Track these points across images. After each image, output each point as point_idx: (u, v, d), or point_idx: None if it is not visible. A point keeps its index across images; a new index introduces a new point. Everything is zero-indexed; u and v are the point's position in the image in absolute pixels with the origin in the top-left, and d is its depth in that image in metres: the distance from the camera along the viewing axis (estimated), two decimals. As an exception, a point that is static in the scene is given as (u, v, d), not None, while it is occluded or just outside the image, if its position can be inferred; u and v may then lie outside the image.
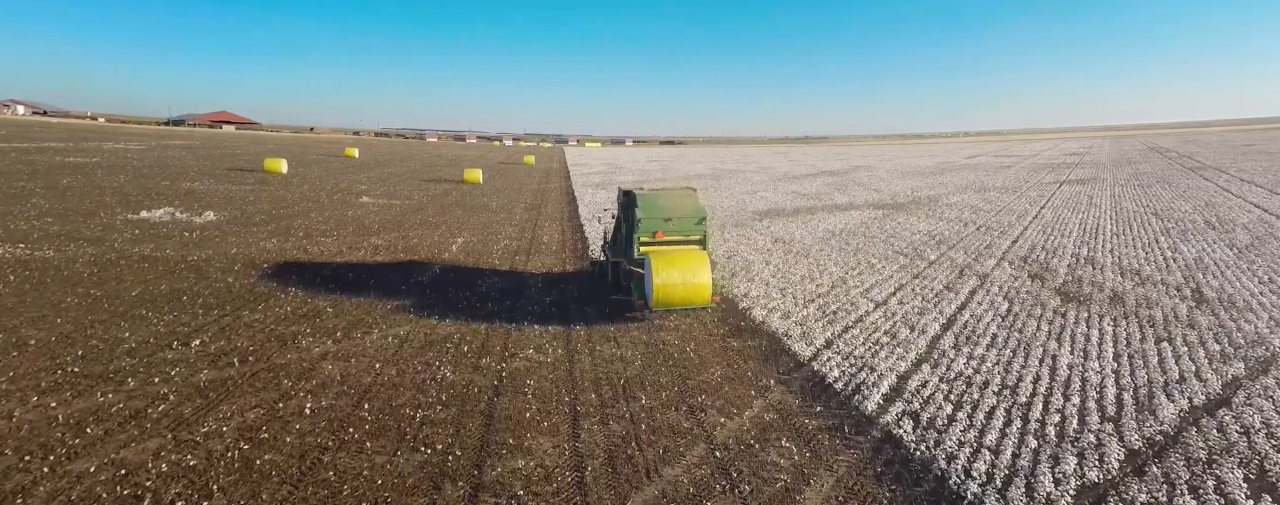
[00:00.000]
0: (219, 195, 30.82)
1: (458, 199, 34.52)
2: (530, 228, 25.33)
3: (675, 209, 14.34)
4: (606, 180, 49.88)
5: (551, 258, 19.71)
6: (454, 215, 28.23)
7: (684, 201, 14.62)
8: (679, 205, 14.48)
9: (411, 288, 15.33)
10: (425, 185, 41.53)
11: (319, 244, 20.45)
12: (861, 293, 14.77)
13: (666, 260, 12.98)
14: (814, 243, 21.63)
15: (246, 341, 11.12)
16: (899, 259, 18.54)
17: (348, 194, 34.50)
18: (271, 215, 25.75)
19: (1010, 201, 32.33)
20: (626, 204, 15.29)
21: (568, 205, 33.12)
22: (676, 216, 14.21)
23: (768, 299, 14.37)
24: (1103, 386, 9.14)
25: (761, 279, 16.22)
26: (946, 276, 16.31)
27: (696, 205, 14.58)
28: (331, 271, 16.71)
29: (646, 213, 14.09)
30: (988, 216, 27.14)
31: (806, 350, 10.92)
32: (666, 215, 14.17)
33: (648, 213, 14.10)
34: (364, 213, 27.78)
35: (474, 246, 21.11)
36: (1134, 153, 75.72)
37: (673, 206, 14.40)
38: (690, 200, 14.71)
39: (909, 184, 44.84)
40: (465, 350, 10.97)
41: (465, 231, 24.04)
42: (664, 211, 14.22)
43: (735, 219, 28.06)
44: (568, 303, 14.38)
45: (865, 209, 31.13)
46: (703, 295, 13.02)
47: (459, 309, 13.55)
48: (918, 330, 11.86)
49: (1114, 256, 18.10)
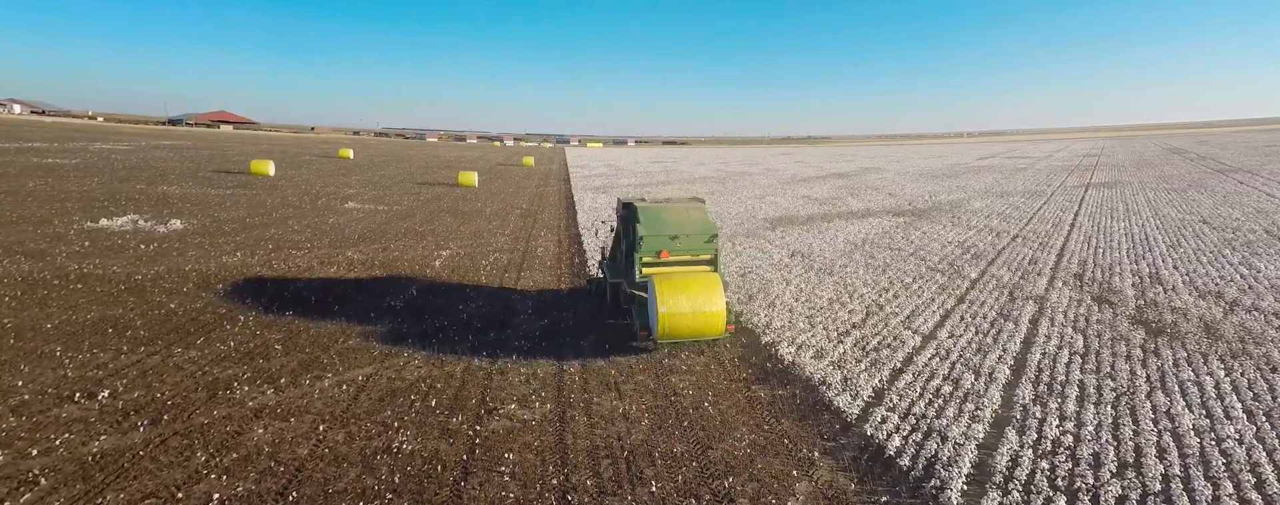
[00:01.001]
0: (193, 200, 28.84)
1: (450, 204, 32.51)
2: (524, 238, 23.31)
3: (682, 225, 12.36)
4: (608, 184, 47.86)
5: (545, 274, 17.68)
6: (443, 223, 26.22)
7: (691, 216, 12.62)
8: (686, 220, 12.49)
9: (383, 313, 13.31)
10: (417, 189, 39.53)
11: (289, 258, 18.44)
12: (903, 322, 12.72)
13: (673, 285, 11.03)
14: (836, 256, 19.58)
15: (169, 391, 9.11)
16: (936, 277, 16.48)
17: (333, 199, 32.51)
18: (244, 223, 23.75)
19: (1039, 208, 30.24)
20: (627, 218, 13.29)
21: (566, 212, 31.09)
22: (684, 233, 12.23)
23: (794, 330, 12.32)
24: (1255, 462, 7.09)
25: (783, 304, 14.17)
26: (996, 300, 14.25)
27: (706, 220, 12.59)
28: (295, 292, 14.70)
29: (650, 229, 12.10)
30: (1019, 224, 25.06)
31: (853, 405, 8.88)
32: (672, 232, 12.19)
33: (651, 229, 12.11)
34: (346, 220, 25.78)
35: (461, 260, 19.09)
36: (1150, 154, 73.55)
37: (679, 222, 12.41)
38: (698, 215, 12.71)
39: (925, 187, 42.77)
40: (434, 404, 8.95)
41: (454, 242, 22.02)
42: (669, 227, 12.24)
43: (746, 228, 26.00)
44: (561, 332, 12.36)
45: (884, 216, 29.06)
46: (716, 325, 11.06)
47: (434, 342, 11.53)
48: (984, 375, 9.81)
49: (1182, 274, 16.02)
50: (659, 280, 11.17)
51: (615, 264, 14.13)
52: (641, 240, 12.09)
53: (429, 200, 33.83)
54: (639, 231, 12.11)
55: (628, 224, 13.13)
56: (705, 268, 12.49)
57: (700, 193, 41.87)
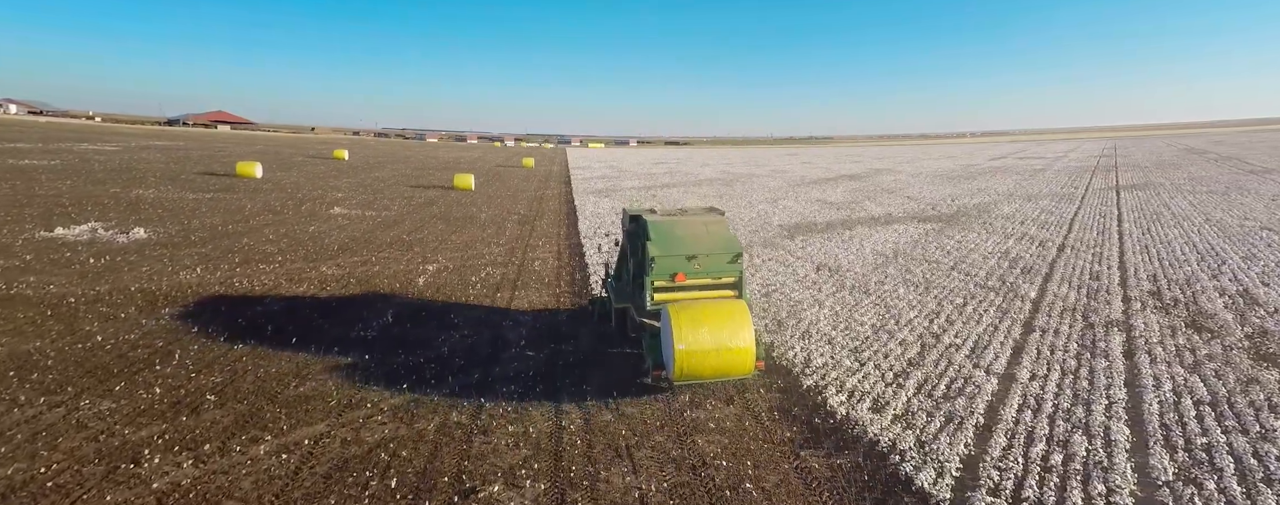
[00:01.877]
0: (167, 205, 26.83)
1: (443, 209, 30.48)
2: (520, 248, 21.27)
3: (700, 242, 10.36)
4: (611, 187, 45.82)
5: (542, 292, 15.64)
6: (434, 231, 24.19)
7: (711, 232, 10.62)
8: (705, 237, 10.48)
9: (350, 346, 11.27)
10: (410, 193, 37.51)
11: (255, 274, 16.41)
12: (969, 357, 10.66)
13: (692, 316, 9.04)
14: (868, 270, 17.51)
15: (59, 463, 7.09)
16: (990, 297, 14.41)
17: (319, 203, 30.49)
18: (215, 232, 21.73)
19: (1076, 212, 28.14)
20: (634, 233, 11.27)
21: (566, 218, 29.04)
22: (702, 253, 10.23)
23: (839, 369, 10.26)
24: None
25: (820, 332, 12.11)
26: (1070, 327, 12.18)
27: (728, 237, 10.59)
28: (253, 318, 12.66)
29: (662, 248, 10.10)
30: (1060, 232, 22.98)
31: (940, 484, 6.82)
32: (689, 251, 10.20)
33: (664, 248, 10.11)
34: (328, 228, 23.75)
35: (449, 275, 17.06)
36: (1167, 154, 71.45)
37: (697, 239, 10.41)
38: (719, 230, 10.69)
39: (943, 190, 40.68)
40: (395, 484, 6.90)
41: (443, 253, 19.98)
42: (685, 246, 10.25)
43: (762, 236, 23.94)
44: (559, 370, 10.32)
45: (909, 222, 26.98)
46: (744, 363, 9.07)
47: (406, 385, 9.49)
48: (1099, 437, 7.74)
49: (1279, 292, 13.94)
50: (675, 311, 9.17)
51: (621, 285, 12.10)
52: (652, 262, 10.08)
53: (421, 205, 31.80)
54: (649, 251, 10.10)
55: (635, 241, 11.12)
56: (728, 293, 10.48)
57: (707, 195, 39.82)
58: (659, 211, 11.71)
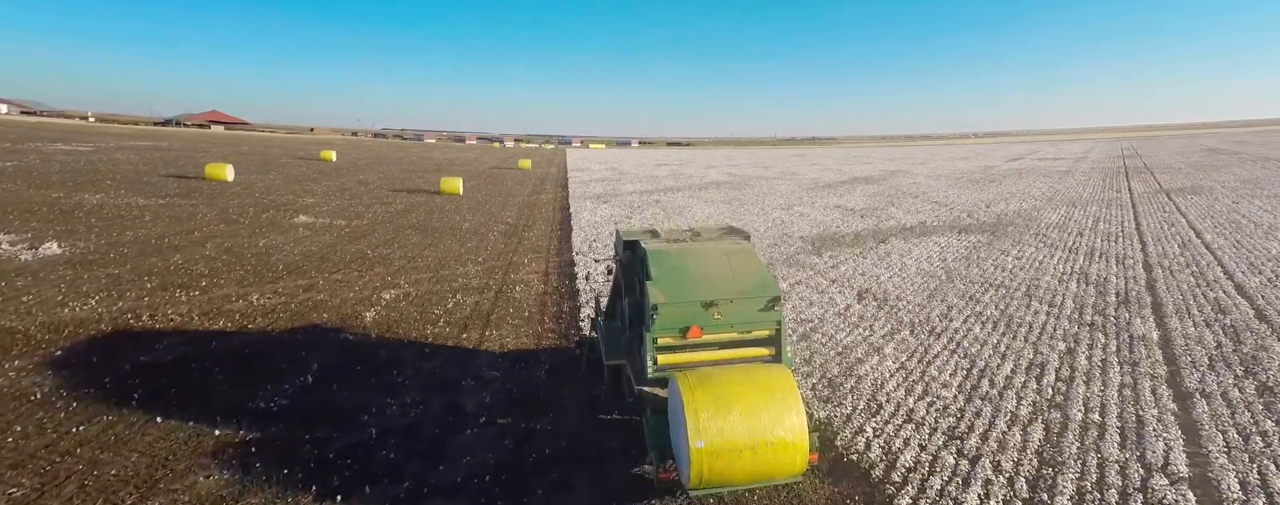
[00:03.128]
0: (107, 214, 23.66)
1: (421, 218, 27.29)
2: (502, 267, 18.07)
3: (721, 282, 7.18)
4: (610, 191, 42.62)
5: (521, 328, 12.45)
6: (405, 244, 21.00)
7: (736, 266, 7.41)
8: (727, 274, 7.29)
9: (243, 422, 8.10)
10: (391, 198, 34.33)
11: (166, 305, 13.24)
12: (1126, 449, 7.43)
13: (715, 394, 5.96)
14: (922, 298, 14.31)
15: None
16: (1098, 339, 11.17)
17: (283, 211, 27.31)
18: (145, 247, 18.55)
19: (1136, 221, 24.88)
20: (630, 266, 8.12)
21: (558, 228, 25.83)
22: (725, 297, 7.06)
23: (941, 473, 7.05)
24: None
25: (892, 400, 8.89)
26: (1240, 389, 8.94)
27: (759, 274, 7.37)
28: (121, 378, 9.46)
29: (669, 291, 6.99)
30: (1131, 245, 19.73)
31: None
32: (706, 295, 7.03)
33: (671, 291, 7.00)
34: (282, 242, 20.56)
35: (409, 306, 13.88)
36: (1194, 155, 68.18)
37: (716, 277, 7.23)
38: (746, 264, 7.46)
39: (970, 194, 37.45)
40: None
41: (409, 274, 16.80)
42: (701, 287, 7.08)
43: (784, 252, 20.72)
44: (531, 467, 7.13)
45: (948, 233, 23.76)
46: (791, 462, 5.99)
47: (297, 500, 6.31)
48: None
49: None
50: (689, 385, 6.07)
51: (614, 331, 8.91)
52: (655, 312, 6.93)
53: (399, 212, 28.62)
54: (650, 295, 6.95)
55: (632, 276, 7.99)
56: (762, 352, 7.30)
57: (714, 200, 36.61)
58: (663, 235, 8.49)
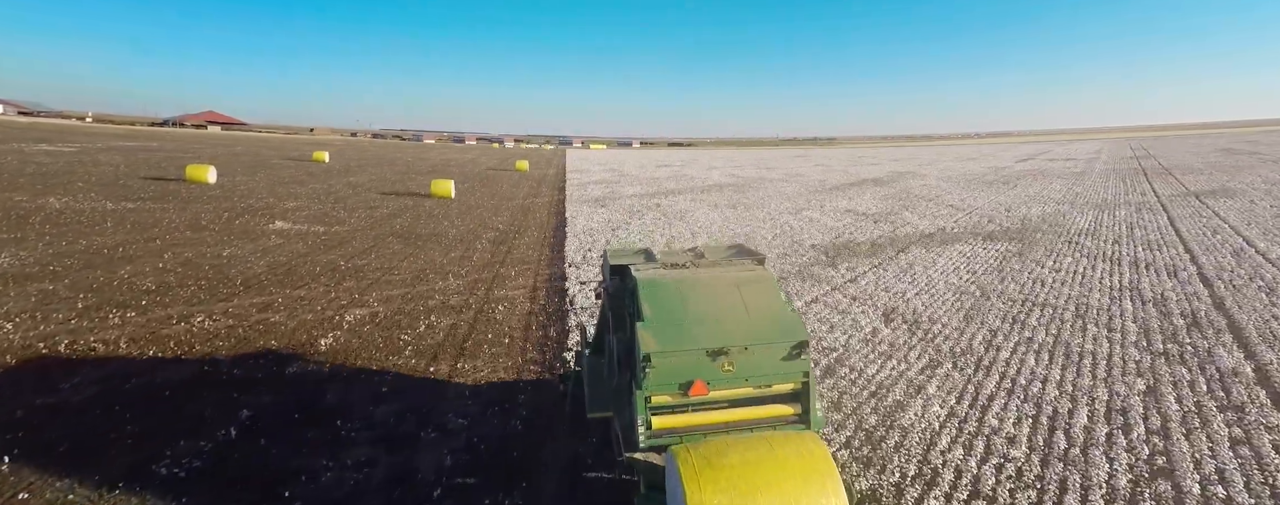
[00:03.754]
0: (65, 219, 21.98)
1: (407, 223, 25.59)
2: (486, 280, 16.37)
3: (733, 321, 5.45)
4: (608, 194, 40.91)
5: (501, 356, 10.74)
6: (385, 254, 19.31)
7: (750, 300, 5.64)
8: (739, 310, 5.54)
9: (143, 491, 6.42)
10: (379, 201, 32.66)
11: (100, 324, 11.56)
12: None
13: (726, 478, 4.37)
14: (960, 321, 12.58)
15: None
16: (1180, 374, 9.42)
17: (260, 216, 25.62)
18: (94, 257, 16.87)
19: (1174, 226, 23.11)
20: (619, 296, 6.41)
21: (551, 235, 24.13)
22: (738, 342, 5.28)
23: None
24: None
25: (949, 463, 7.17)
26: (1369, 453, 7.22)
27: (780, 310, 5.61)
28: (8, 425, 7.77)
29: (666, 334, 5.31)
30: (1177, 254, 17.96)
31: None
32: (714, 340, 5.26)
33: (669, 334, 5.32)
34: (249, 251, 18.87)
35: (378, 326, 12.18)
36: (1209, 155, 66.36)
37: (726, 314, 5.49)
38: (763, 296, 5.70)
39: (986, 197, 35.71)
40: None
41: (382, 288, 15.11)
42: (705, 329, 5.36)
43: (795, 263, 19.00)
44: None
45: (973, 240, 22.02)
46: None
47: None
48: None
49: None
50: (690, 465, 4.50)
51: (599, 367, 7.20)
52: (647, 364, 5.20)
53: (385, 217, 26.93)
54: (642, 342, 5.24)
55: (620, 309, 6.32)
56: (784, 412, 5.58)
57: (718, 203, 34.88)
58: (659, 257, 6.76)
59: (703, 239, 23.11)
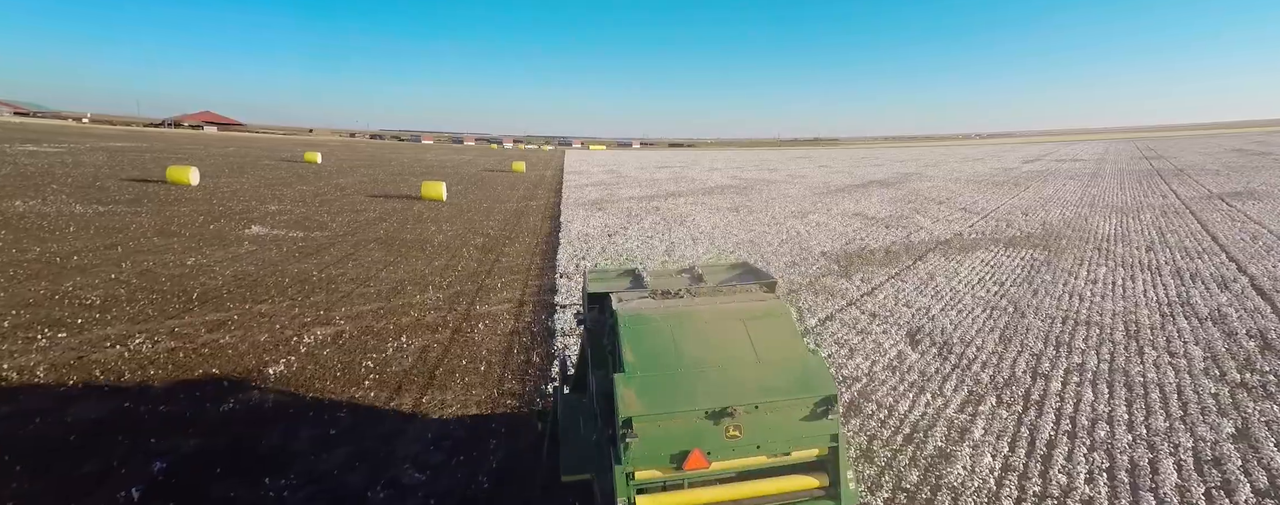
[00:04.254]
0: (25, 224, 20.55)
1: (392, 228, 24.20)
2: (470, 293, 14.98)
3: (740, 371, 3.89)
4: (606, 197, 39.52)
5: (474, 385, 9.34)
6: (363, 262, 17.92)
7: (759, 340, 4.05)
8: (746, 354, 3.97)
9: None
10: (366, 204, 31.28)
11: (24, 347, 10.15)
12: None
13: None
14: (990, 339, 11.17)
15: None
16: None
17: (237, 220, 24.23)
18: (47, 266, 15.47)
19: (1209, 232, 21.70)
20: (598, 331, 4.97)
21: (545, 240, 22.74)
22: (746, 400, 3.70)
23: None
24: None
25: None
26: None
27: (800, 356, 4.04)
28: None
29: (653, 392, 3.77)
30: (1221, 264, 16.55)
31: None
32: (715, 398, 3.70)
33: (656, 392, 3.76)
34: (217, 260, 17.48)
35: (340, 349, 10.78)
36: (1222, 156, 64.95)
37: (730, 361, 3.94)
38: (776, 336, 4.14)
39: (999, 199, 34.30)
40: None
41: (353, 303, 13.72)
42: (704, 382, 3.80)
43: (805, 273, 17.59)
44: None
45: (995, 247, 20.62)
46: None
47: None
48: None
49: None
50: None
51: (579, 413, 5.75)
52: (629, 429, 3.75)
53: (370, 222, 25.54)
54: (622, 403, 3.79)
55: (602, 346, 4.92)
56: (805, 482, 4.14)
57: (720, 206, 33.45)
58: (649, 280, 5.33)
59: (704, 245, 21.71)
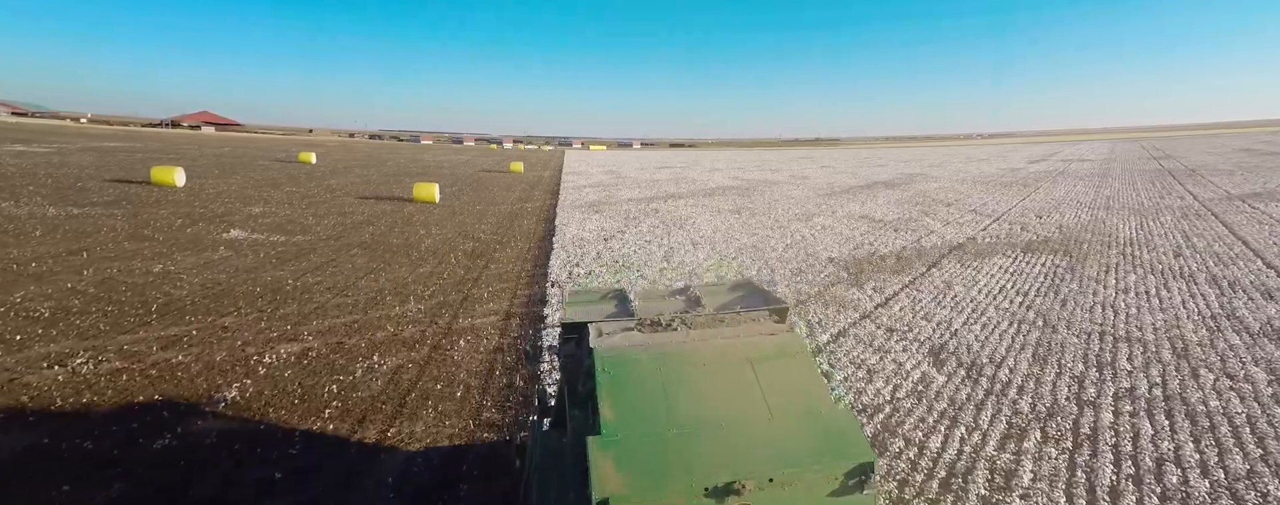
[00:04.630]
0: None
1: (379, 232, 23.15)
2: (454, 303, 13.92)
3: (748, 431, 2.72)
4: (605, 198, 38.46)
5: (450, 414, 8.28)
6: (343, 270, 16.87)
7: (772, 390, 2.83)
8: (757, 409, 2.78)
9: None
10: (355, 206, 30.22)
11: (-61, 376, 9.10)
12: None
13: None
14: (1022, 359, 10.11)
15: None
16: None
17: (218, 223, 23.19)
18: (3, 274, 14.45)
19: (1230, 234, 20.63)
20: (575, 371, 3.86)
21: (538, 245, 21.69)
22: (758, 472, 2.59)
23: None
24: None
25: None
26: None
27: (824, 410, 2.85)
28: None
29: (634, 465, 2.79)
30: (1257, 271, 15.49)
31: None
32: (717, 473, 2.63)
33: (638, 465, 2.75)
34: (188, 267, 16.43)
35: (303, 370, 9.73)
36: (1233, 156, 63.88)
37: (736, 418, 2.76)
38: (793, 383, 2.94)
39: (1009, 201, 33.23)
40: None
41: (326, 316, 12.66)
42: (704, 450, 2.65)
43: (813, 281, 16.53)
44: None
45: (1011, 252, 19.55)
46: None
47: None
48: None
49: None
50: None
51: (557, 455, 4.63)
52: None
53: (356, 225, 24.49)
54: (597, 476, 2.70)
55: (578, 391, 3.81)
56: None
57: (722, 209, 32.39)
58: (636, 304, 4.26)
59: (705, 251, 20.65)
